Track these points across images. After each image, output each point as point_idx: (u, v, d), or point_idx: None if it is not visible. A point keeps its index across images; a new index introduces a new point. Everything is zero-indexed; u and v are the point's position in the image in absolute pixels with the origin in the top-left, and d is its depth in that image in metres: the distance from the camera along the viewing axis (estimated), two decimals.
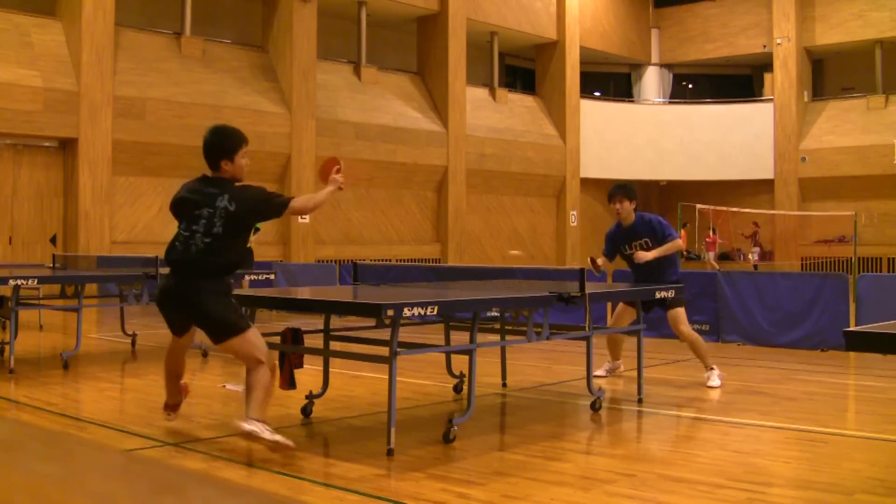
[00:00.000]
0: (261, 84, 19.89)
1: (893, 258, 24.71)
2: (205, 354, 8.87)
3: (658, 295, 6.72)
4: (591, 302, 5.71)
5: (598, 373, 7.38)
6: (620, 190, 7.27)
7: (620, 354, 7.73)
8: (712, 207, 24.11)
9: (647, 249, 7.15)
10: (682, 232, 20.44)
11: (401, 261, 21.00)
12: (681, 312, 7.19)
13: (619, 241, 7.35)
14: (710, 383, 7.10)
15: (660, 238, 7.16)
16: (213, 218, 4.81)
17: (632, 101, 29.86)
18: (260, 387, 4.69)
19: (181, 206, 4.96)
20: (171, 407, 5.49)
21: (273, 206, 5.03)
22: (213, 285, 4.83)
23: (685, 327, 7.20)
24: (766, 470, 4.63)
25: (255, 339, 4.80)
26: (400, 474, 4.46)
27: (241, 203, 4.86)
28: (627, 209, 7.24)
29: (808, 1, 27.15)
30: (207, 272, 4.82)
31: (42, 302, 10.23)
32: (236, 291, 5.52)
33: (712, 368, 7.18)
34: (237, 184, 4.96)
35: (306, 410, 5.85)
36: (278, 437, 4.55)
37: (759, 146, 27.30)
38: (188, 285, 4.83)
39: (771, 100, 27.51)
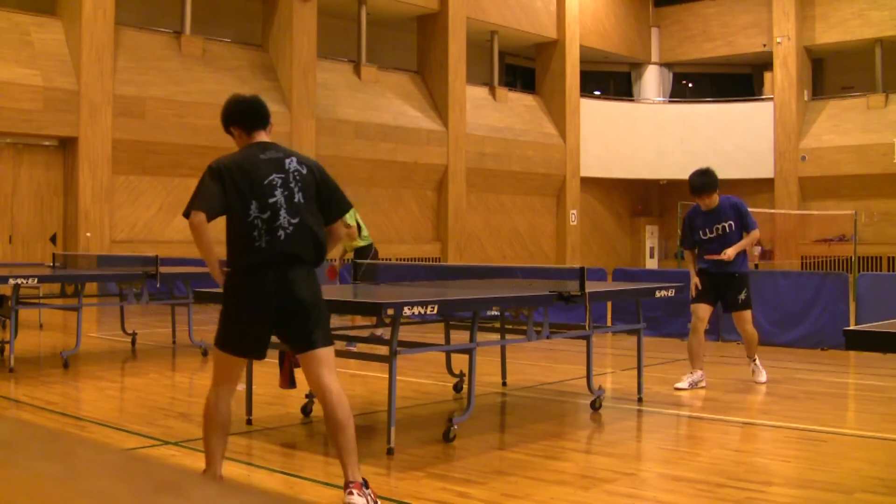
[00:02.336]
0: (261, 83, 19.88)
1: (893, 257, 24.71)
2: (205, 353, 8.87)
3: (658, 294, 6.70)
4: (591, 301, 5.70)
5: (680, 385, 7.00)
6: (708, 185, 7.02)
7: (702, 362, 7.22)
8: None
9: (730, 232, 7.03)
10: None
11: (401, 260, 20.99)
12: (748, 314, 7.19)
13: (700, 225, 7.15)
14: (759, 378, 7.20)
15: (742, 222, 7.08)
16: (290, 183, 3.91)
17: (632, 101, 29.86)
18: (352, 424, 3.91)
19: (251, 182, 3.87)
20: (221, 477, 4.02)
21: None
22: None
23: (750, 326, 7.20)
24: (765, 469, 4.63)
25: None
26: (400, 473, 4.46)
27: (311, 167, 4.02)
28: (716, 200, 7.10)
29: (807, 0, 27.14)
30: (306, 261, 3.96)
31: (42, 301, 10.24)
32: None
33: (755, 360, 7.27)
34: None
35: (306, 409, 5.85)
36: None
37: (759, 145, 27.30)
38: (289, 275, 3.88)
39: (771, 99, 27.50)
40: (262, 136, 4.08)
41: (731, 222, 7.05)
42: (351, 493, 3.68)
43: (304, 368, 3.94)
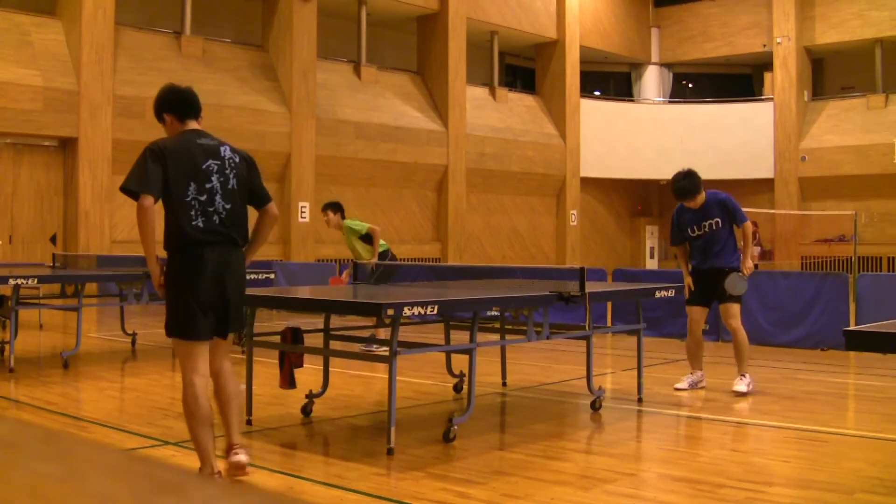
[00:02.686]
0: (261, 83, 19.88)
1: (893, 258, 24.71)
2: None
3: (658, 295, 6.70)
4: (591, 301, 5.70)
5: (679, 385, 7.02)
6: (691, 189, 6.87)
7: (702, 363, 7.15)
8: None
9: (717, 230, 6.89)
10: None
11: (401, 260, 20.98)
12: (736, 307, 6.92)
13: (687, 222, 7.01)
14: (737, 387, 6.78)
15: (732, 219, 6.91)
16: (226, 171, 4.13)
17: (632, 101, 29.85)
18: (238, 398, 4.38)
19: (186, 164, 4.03)
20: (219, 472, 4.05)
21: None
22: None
23: (736, 322, 6.90)
24: (766, 469, 4.63)
25: None
26: (400, 474, 4.46)
27: (243, 156, 4.28)
28: (701, 199, 6.95)
29: (807, 0, 27.15)
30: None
31: (42, 301, 10.24)
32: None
33: (744, 375, 6.84)
34: None
35: (306, 410, 5.85)
36: None
37: (759, 145, 27.30)
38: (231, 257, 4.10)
39: (771, 99, 27.50)
40: (194, 125, 4.25)
41: (718, 220, 6.90)
42: (237, 454, 4.07)
43: (212, 347, 4.10)
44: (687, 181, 6.92)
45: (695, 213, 6.99)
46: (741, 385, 6.79)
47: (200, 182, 4.01)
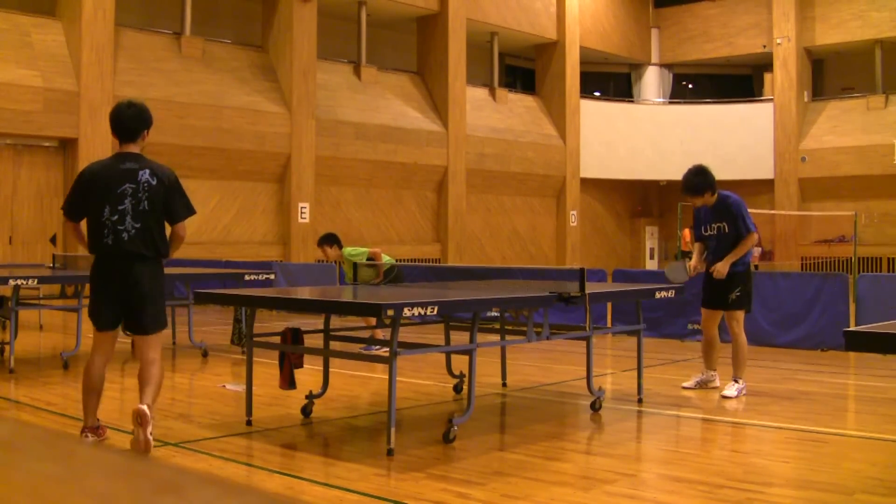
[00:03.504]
0: (261, 84, 19.88)
1: (893, 258, 24.71)
2: (205, 354, 8.87)
3: (658, 295, 6.69)
4: (591, 302, 5.71)
5: (686, 384, 7.04)
6: (702, 186, 6.80)
7: (716, 362, 7.11)
8: None
9: (723, 234, 6.81)
10: (686, 231, 20.43)
11: (401, 261, 20.98)
12: (739, 314, 6.84)
13: (703, 219, 6.96)
14: (726, 392, 6.72)
15: (736, 226, 6.78)
16: (138, 194, 4.86)
17: (632, 101, 29.85)
18: (159, 381, 4.95)
19: (100, 187, 4.86)
20: (91, 429, 5.04)
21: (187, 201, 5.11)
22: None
23: (738, 328, 6.81)
24: (765, 470, 4.63)
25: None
26: (400, 474, 4.46)
27: (161, 178, 4.99)
28: (710, 200, 6.87)
29: (807, 1, 27.15)
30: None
31: (42, 302, 10.24)
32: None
33: (737, 380, 6.75)
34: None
35: (306, 410, 5.85)
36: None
37: (759, 146, 27.30)
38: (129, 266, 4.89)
39: (771, 100, 27.51)
40: (131, 147, 5.09)
41: (725, 224, 6.82)
42: (141, 406, 4.60)
43: (135, 343, 5.06)
44: (697, 178, 6.89)
45: (709, 212, 6.95)
46: (730, 389, 6.72)
47: (114, 204, 4.80)
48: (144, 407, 4.59)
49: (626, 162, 27.85)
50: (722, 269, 6.76)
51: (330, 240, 9.36)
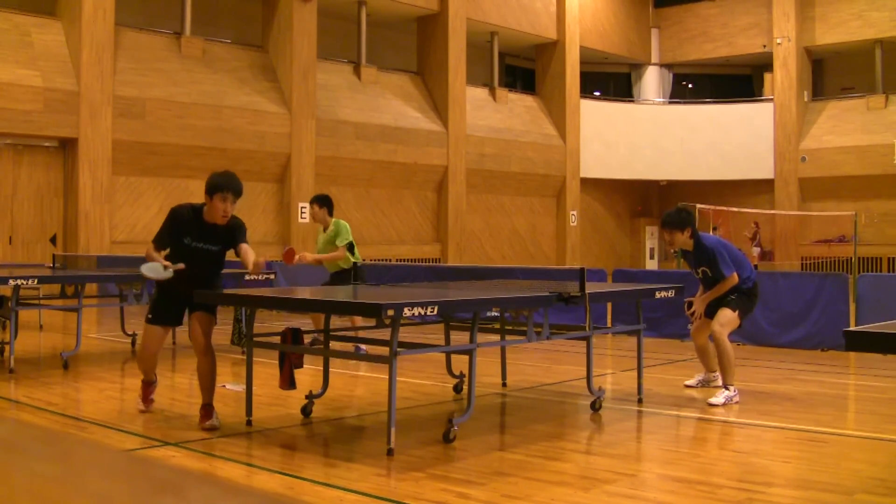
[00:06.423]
0: (261, 84, 19.89)
1: (893, 258, 24.71)
2: None
3: (658, 295, 6.69)
4: (591, 302, 5.70)
5: (689, 382, 7.08)
6: (669, 223, 6.74)
7: (715, 365, 6.94)
8: (713, 207, 24.10)
9: (707, 279, 6.77)
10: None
11: (401, 261, 20.99)
12: (726, 313, 6.62)
13: (690, 264, 6.97)
14: (713, 399, 6.43)
15: (714, 270, 6.65)
16: None
17: (632, 101, 29.85)
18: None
19: None
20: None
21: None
22: None
23: (719, 328, 6.57)
24: (766, 470, 4.63)
25: None
26: (400, 474, 4.46)
27: None
28: (680, 241, 6.74)
29: (807, 1, 27.15)
30: None
31: (42, 302, 10.23)
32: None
33: (727, 387, 6.51)
34: None
35: (306, 410, 5.84)
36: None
37: (759, 146, 27.30)
38: None
39: (771, 100, 27.51)
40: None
41: (706, 269, 6.77)
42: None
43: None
44: (675, 214, 6.84)
45: (690, 257, 6.95)
46: (718, 397, 6.43)
47: None
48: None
49: (626, 162, 27.85)
50: (699, 307, 6.82)
51: (324, 201, 9.31)
